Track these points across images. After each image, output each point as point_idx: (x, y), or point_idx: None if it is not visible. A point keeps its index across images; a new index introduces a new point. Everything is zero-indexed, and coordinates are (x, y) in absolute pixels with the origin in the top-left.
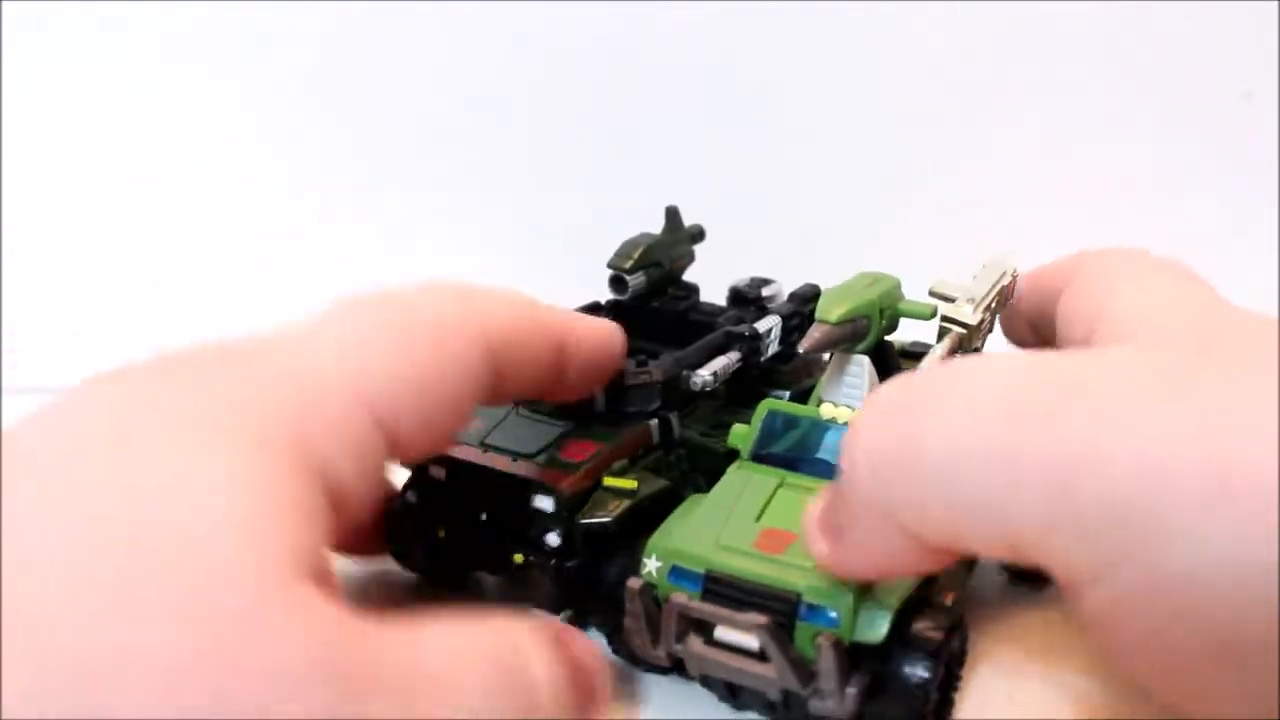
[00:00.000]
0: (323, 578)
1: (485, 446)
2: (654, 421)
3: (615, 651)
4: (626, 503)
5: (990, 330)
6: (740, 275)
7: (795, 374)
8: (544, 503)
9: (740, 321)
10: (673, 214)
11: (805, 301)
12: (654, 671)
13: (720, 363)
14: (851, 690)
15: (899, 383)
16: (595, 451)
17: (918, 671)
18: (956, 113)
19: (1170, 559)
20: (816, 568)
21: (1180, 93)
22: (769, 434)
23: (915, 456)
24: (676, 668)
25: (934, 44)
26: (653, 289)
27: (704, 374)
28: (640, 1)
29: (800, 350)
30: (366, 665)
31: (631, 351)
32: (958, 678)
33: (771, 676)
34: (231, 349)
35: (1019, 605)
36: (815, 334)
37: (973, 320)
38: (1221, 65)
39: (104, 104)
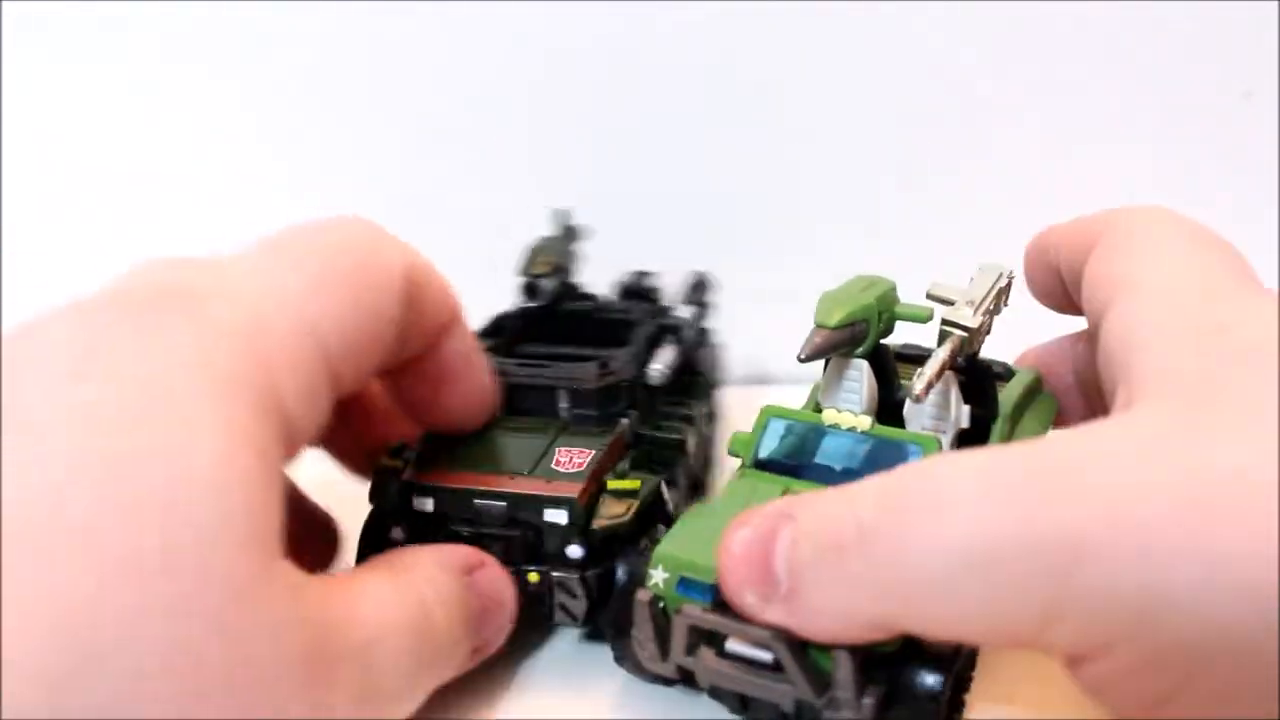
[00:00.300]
0: (281, 536)
1: (473, 469)
2: (625, 421)
3: (620, 661)
4: (634, 503)
5: (989, 333)
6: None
7: (709, 361)
8: (557, 516)
9: (653, 315)
10: (562, 215)
11: (697, 290)
12: (659, 683)
13: (667, 356)
14: (868, 700)
15: (893, 480)
16: (591, 457)
17: (930, 680)
18: (955, 113)
19: (1168, 634)
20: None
21: (1180, 93)
22: (771, 441)
23: (906, 564)
24: (685, 680)
25: (933, 44)
26: (562, 293)
27: (658, 368)
28: (640, 1)
29: (800, 357)
30: (330, 643)
31: (552, 357)
32: (969, 680)
33: (786, 688)
34: (184, 287)
35: None
36: (816, 339)
37: (973, 323)
38: (1221, 65)
39: (104, 104)
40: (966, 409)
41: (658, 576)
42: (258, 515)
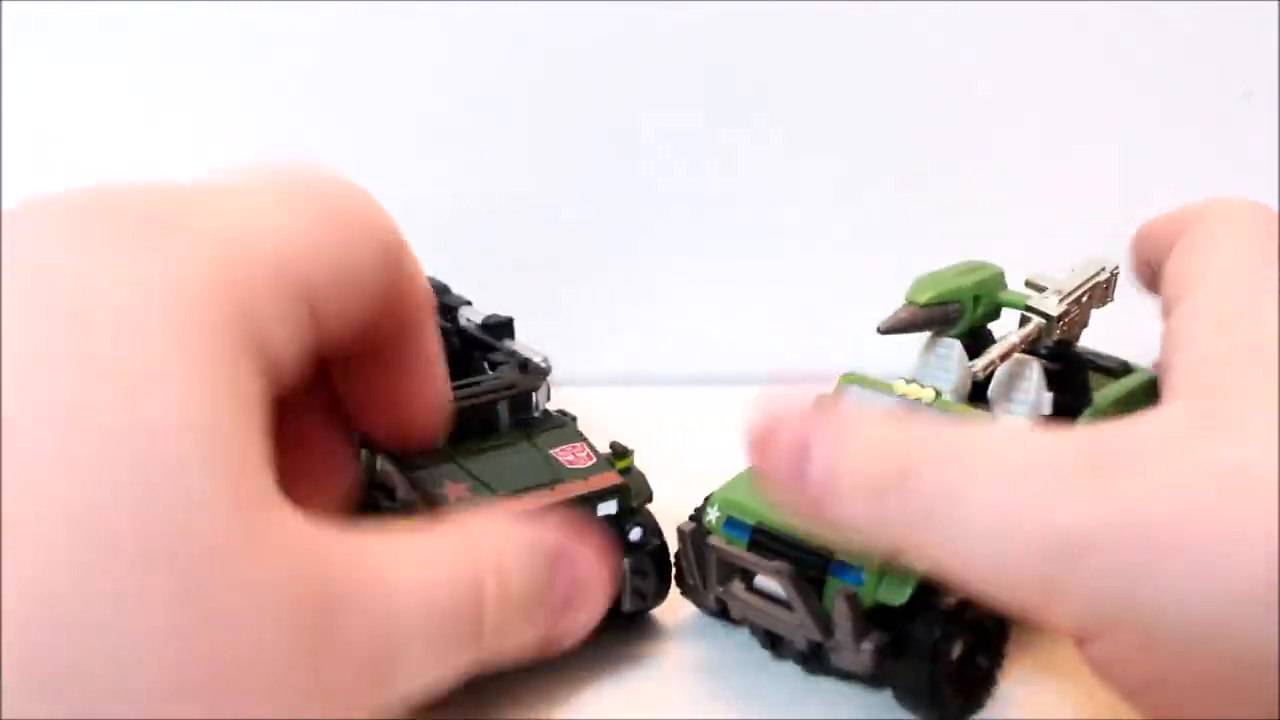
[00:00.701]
0: (272, 481)
1: (504, 497)
2: (566, 414)
3: (684, 593)
4: (641, 472)
5: (1085, 325)
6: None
7: None
8: (609, 507)
9: (452, 321)
10: None
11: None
12: (712, 615)
13: (540, 351)
14: (867, 646)
15: (946, 430)
16: (590, 447)
17: (933, 634)
18: (955, 113)
19: (1165, 624)
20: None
21: (1180, 93)
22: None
23: (933, 516)
24: (724, 613)
25: (932, 44)
26: None
27: (544, 357)
28: (641, 1)
29: (879, 329)
30: (335, 610)
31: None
32: (1001, 656)
33: (797, 624)
34: (160, 204)
35: None
36: (901, 314)
37: (1054, 311)
38: (1221, 65)
39: (104, 104)
40: (1049, 396)
41: (711, 515)
42: (235, 472)
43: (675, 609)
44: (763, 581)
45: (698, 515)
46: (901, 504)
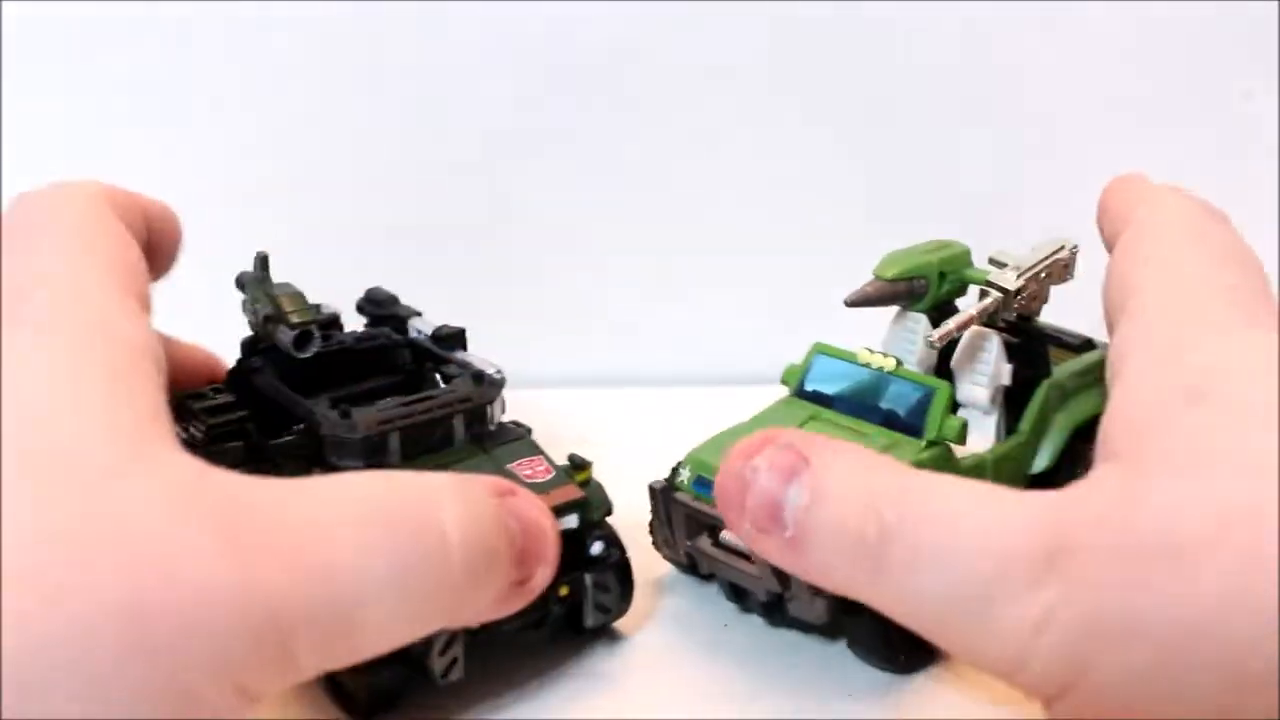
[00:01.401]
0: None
1: None
2: (521, 425)
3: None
4: (600, 484)
5: (1045, 300)
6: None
7: None
8: (569, 521)
9: (400, 332)
10: (265, 260)
11: (378, 304)
12: (681, 570)
13: (488, 362)
14: (821, 600)
15: (915, 483)
16: (548, 460)
17: None
18: (956, 112)
19: (1113, 687)
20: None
21: (1180, 93)
22: (815, 373)
23: (911, 574)
24: (693, 568)
25: (932, 44)
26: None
27: (496, 368)
28: (639, 1)
29: (845, 301)
30: (235, 504)
31: (343, 399)
32: None
33: (757, 575)
34: None
35: None
36: (867, 288)
37: (1010, 286)
38: (1221, 65)
39: (104, 104)
40: (1009, 367)
41: (684, 474)
42: (114, 414)
43: (651, 566)
44: (728, 536)
45: (671, 475)
46: (875, 570)
